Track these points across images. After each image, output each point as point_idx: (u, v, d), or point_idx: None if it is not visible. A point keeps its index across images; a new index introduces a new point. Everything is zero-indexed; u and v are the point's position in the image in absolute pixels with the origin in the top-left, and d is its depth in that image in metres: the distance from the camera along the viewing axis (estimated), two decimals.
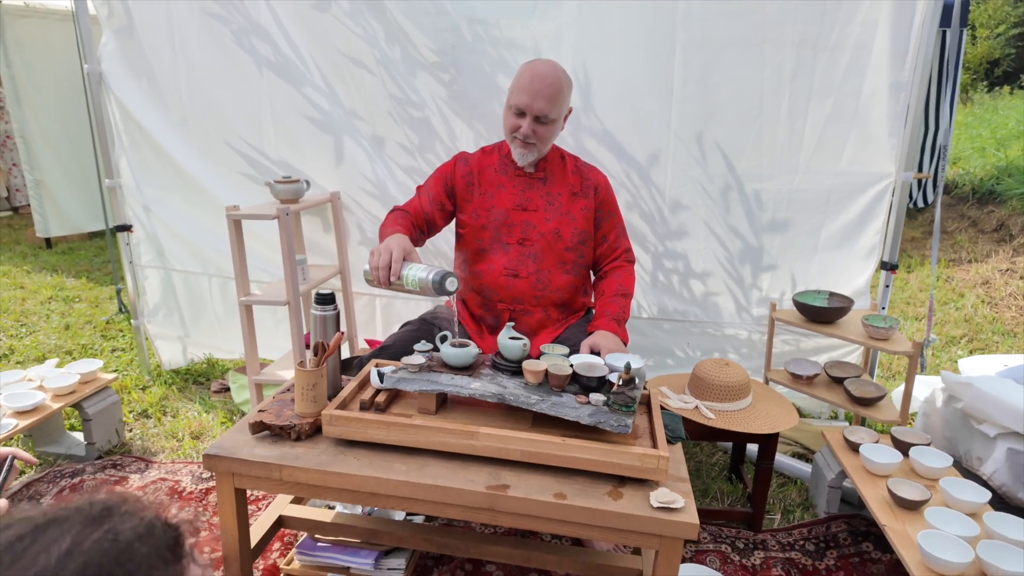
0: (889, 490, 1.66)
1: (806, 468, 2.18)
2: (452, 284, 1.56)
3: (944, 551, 1.44)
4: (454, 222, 2.02)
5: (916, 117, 2.08)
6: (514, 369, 1.53)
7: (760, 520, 1.96)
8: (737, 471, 2.20)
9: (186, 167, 2.60)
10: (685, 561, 1.80)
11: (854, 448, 1.90)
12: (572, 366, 1.49)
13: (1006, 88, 11.87)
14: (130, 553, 0.36)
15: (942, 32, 5.86)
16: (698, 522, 1.25)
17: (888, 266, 2.22)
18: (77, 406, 2.25)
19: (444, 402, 1.54)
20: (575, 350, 1.74)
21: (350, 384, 1.56)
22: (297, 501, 1.79)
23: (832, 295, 2.20)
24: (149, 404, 2.66)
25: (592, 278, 2.06)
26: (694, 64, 2.12)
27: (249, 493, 2.05)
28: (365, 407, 1.48)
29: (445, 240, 2.37)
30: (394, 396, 1.56)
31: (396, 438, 1.41)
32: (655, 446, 1.39)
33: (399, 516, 1.80)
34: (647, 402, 1.59)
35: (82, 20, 2.54)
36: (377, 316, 2.74)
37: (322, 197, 2.42)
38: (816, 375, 2.21)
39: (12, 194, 6.93)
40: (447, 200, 1.96)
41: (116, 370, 2.96)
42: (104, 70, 2.55)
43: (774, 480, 2.17)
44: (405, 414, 1.49)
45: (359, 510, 1.82)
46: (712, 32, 2.08)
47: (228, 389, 2.73)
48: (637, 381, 1.46)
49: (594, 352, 1.73)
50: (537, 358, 1.57)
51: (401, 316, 2.64)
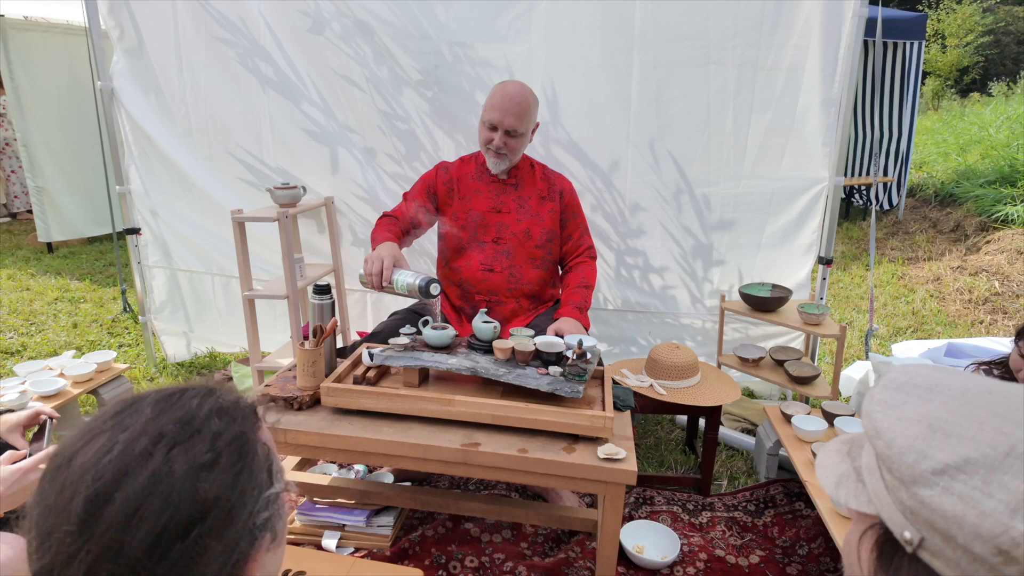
0: (812, 452, 1.93)
1: (751, 441, 2.45)
2: (435, 289, 1.81)
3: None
4: (437, 223, 2.27)
5: (845, 129, 2.36)
6: (486, 348, 1.79)
7: (708, 485, 2.22)
8: (691, 444, 2.46)
9: (191, 175, 2.83)
10: (641, 519, 2.06)
11: (788, 419, 2.16)
12: (535, 344, 1.74)
13: (975, 95, 12.31)
14: (238, 406, 0.60)
15: (895, 44, 6.21)
16: (636, 470, 1.51)
17: (824, 260, 2.49)
18: (94, 392, 2.47)
19: (426, 377, 1.79)
20: (542, 334, 1.99)
21: (344, 363, 1.81)
22: (298, 468, 2.04)
23: (774, 287, 2.47)
24: None
25: (559, 272, 2.32)
26: (649, 82, 2.39)
27: None
28: (358, 381, 1.73)
29: (429, 240, 2.61)
30: (383, 372, 1.81)
31: (384, 406, 1.65)
32: (604, 411, 1.64)
33: (388, 480, 2.04)
34: (601, 377, 1.85)
35: (95, 40, 2.77)
36: (368, 310, 2.99)
37: (317, 202, 2.66)
38: (761, 358, 2.48)
39: (10, 200, 7.11)
40: (430, 204, 2.22)
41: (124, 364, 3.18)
42: (115, 86, 2.78)
43: (723, 452, 2.43)
44: (392, 387, 1.74)
45: (352, 475, 2.06)
46: (664, 54, 2.35)
47: (231, 379, 2.96)
48: (589, 356, 1.71)
49: (558, 335, 1.98)
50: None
51: (390, 310, 2.88)
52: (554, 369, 1.69)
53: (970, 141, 7.67)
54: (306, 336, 1.80)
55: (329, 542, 1.88)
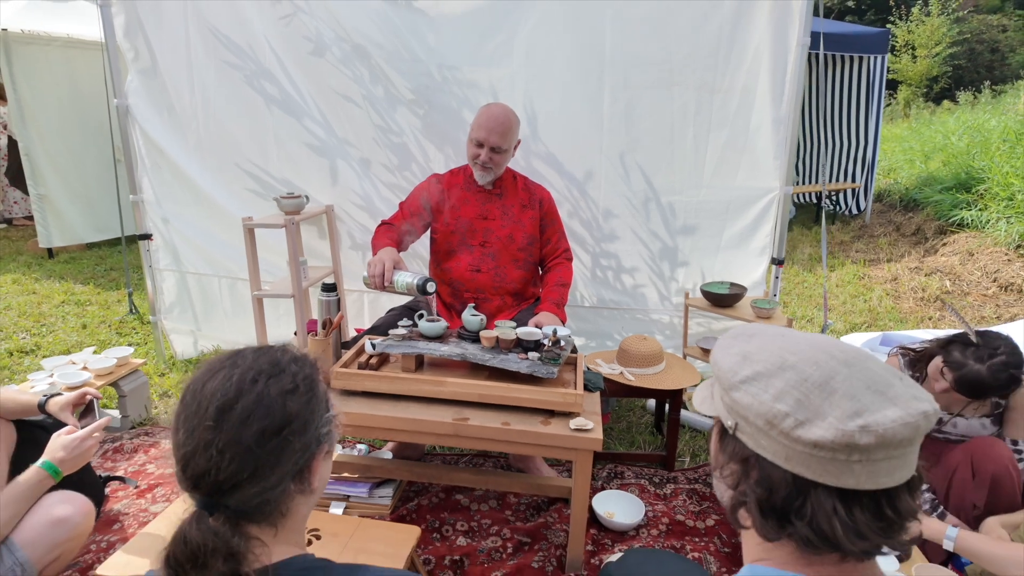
0: None
1: (711, 423, 2.73)
2: (431, 287, 2.08)
3: None
4: (429, 229, 2.53)
5: (793, 143, 2.65)
6: (474, 337, 2.05)
7: (672, 461, 2.50)
8: (658, 427, 2.74)
9: (200, 185, 3.07)
10: (611, 490, 2.32)
11: None
12: (516, 334, 2.01)
13: (946, 103, 12.80)
14: (306, 359, 0.85)
15: (860, 58, 6.56)
16: (601, 438, 1.78)
17: (776, 261, 2.78)
18: (114, 385, 2.70)
19: (421, 362, 2.05)
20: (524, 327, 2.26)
21: (349, 351, 2.06)
22: None
23: (732, 285, 2.75)
24: (169, 387, 3.11)
25: (539, 272, 2.58)
26: (619, 102, 2.67)
27: None
28: (362, 367, 1.98)
29: (421, 244, 2.87)
30: (383, 359, 2.07)
31: (385, 388, 1.91)
32: (576, 390, 1.91)
33: (388, 457, 2.29)
34: (575, 362, 2.11)
35: (112, 60, 2.99)
36: (364, 309, 3.24)
37: (319, 209, 2.91)
38: None
39: (8, 207, 7.26)
40: (424, 212, 2.48)
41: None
42: (130, 104, 3.02)
43: (687, 432, 2.71)
44: (392, 371, 2.00)
45: (355, 453, 2.31)
46: (632, 78, 2.63)
47: None
48: (563, 343, 1.98)
49: (537, 327, 2.25)
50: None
51: (384, 308, 3.12)
52: (532, 355, 1.95)
53: (934, 149, 8.06)
54: (312, 330, 2.05)
55: (336, 511, 2.13)
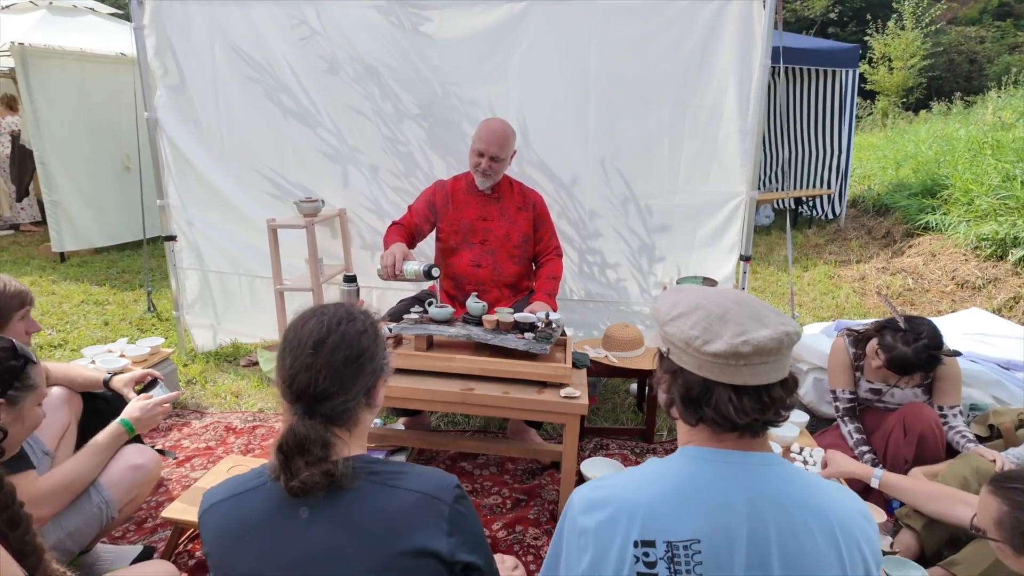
0: None
1: None
2: (436, 272, 2.39)
3: None
4: (435, 229, 2.84)
5: (757, 153, 2.99)
6: (477, 321, 2.36)
7: (652, 434, 2.81)
8: (640, 406, 3.05)
9: (222, 190, 3.36)
10: (597, 457, 2.63)
11: None
12: (514, 317, 2.32)
13: (923, 112, 13.29)
14: (369, 312, 1.16)
15: (833, 72, 6.96)
16: (587, 403, 2.09)
17: (744, 258, 3.12)
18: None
19: (431, 343, 2.36)
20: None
21: None
22: None
23: (704, 279, 3.08)
24: (193, 375, 3.39)
25: (533, 267, 2.90)
26: (603, 116, 3.00)
27: None
28: None
29: (427, 243, 3.18)
30: (398, 340, 2.37)
31: (402, 364, 2.21)
32: (566, 364, 2.22)
33: (399, 427, 2.59)
34: (564, 343, 2.43)
35: (144, 77, 3.28)
36: (373, 303, 3.54)
37: (332, 212, 3.22)
38: None
39: (15, 213, 7.49)
40: (430, 214, 2.79)
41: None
42: (159, 116, 3.31)
43: None
44: (407, 351, 2.30)
45: (372, 425, 2.60)
46: (614, 95, 2.97)
47: (256, 363, 3.48)
48: (555, 325, 2.30)
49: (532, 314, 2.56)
50: None
51: (391, 302, 3.43)
52: (528, 335, 2.26)
53: (905, 157, 8.48)
54: None
55: None
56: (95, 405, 2.10)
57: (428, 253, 3.24)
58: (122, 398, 2.09)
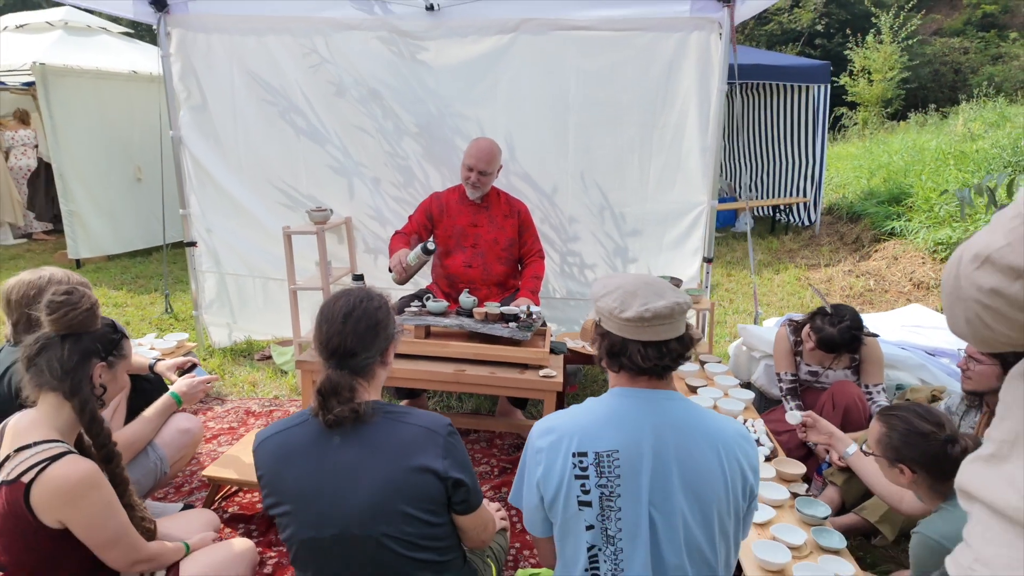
0: (687, 385, 2.89)
1: None
2: (431, 245, 2.76)
3: (706, 402, 2.65)
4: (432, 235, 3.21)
5: (716, 166, 3.38)
6: (468, 313, 2.73)
7: None
8: None
9: (239, 200, 3.73)
10: None
11: None
12: (500, 310, 2.69)
13: (903, 123, 13.77)
14: (382, 294, 1.53)
15: (806, 87, 7.38)
16: (562, 382, 2.46)
17: (707, 260, 3.50)
18: None
19: (429, 332, 2.72)
20: None
21: None
22: None
23: (672, 278, 3.44)
24: (213, 368, 3.74)
25: (519, 268, 3.27)
26: (580, 134, 3.39)
27: None
28: None
29: None
30: (399, 330, 2.74)
31: (405, 349, 2.58)
32: (545, 349, 2.59)
33: None
34: (544, 333, 2.80)
35: (169, 99, 3.65)
36: None
37: (339, 220, 3.58)
38: None
39: (28, 223, 7.83)
40: (428, 222, 3.16)
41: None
42: (183, 135, 3.68)
43: None
44: (407, 339, 2.66)
45: None
46: (590, 116, 3.35)
47: (269, 357, 3.84)
48: (535, 316, 2.67)
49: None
50: None
51: (394, 299, 3.79)
52: (512, 324, 2.63)
53: (878, 166, 8.90)
54: None
55: None
56: (139, 385, 2.45)
57: None
58: (162, 381, 2.45)
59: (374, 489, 1.37)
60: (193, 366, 2.45)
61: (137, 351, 3.19)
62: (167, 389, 2.25)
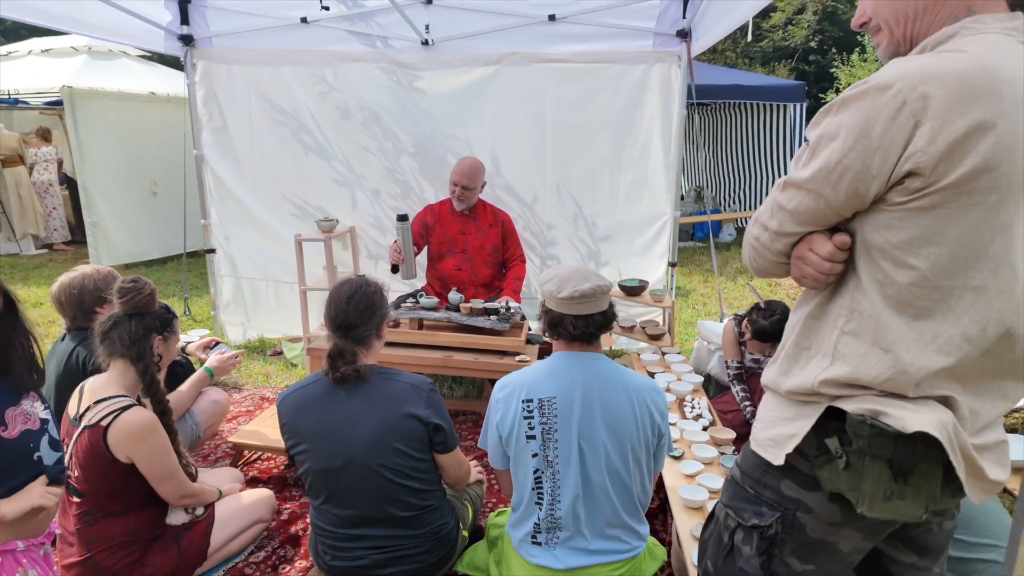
0: (647, 371, 3.30)
1: None
2: (401, 215, 3.17)
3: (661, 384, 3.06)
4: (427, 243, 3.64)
5: (678, 182, 3.81)
6: (456, 308, 3.15)
7: None
8: None
9: (255, 211, 4.17)
10: None
11: (639, 356, 3.54)
12: (483, 305, 3.11)
13: None
14: (378, 283, 1.95)
15: (784, 106, 7.84)
16: (534, 361, 2.87)
17: (672, 264, 3.92)
18: None
19: (422, 324, 3.14)
20: None
21: None
22: None
23: (640, 281, 3.87)
24: None
25: (503, 271, 3.69)
26: (557, 153, 3.83)
27: None
28: None
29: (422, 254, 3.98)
30: (397, 323, 3.16)
31: (401, 339, 3.00)
32: (521, 339, 3.01)
33: None
34: (521, 326, 3.21)
35: (194, 121, 4.10)
36: None
37: (344, 229, 4.02)
38: (633, 326, 3.86)
39: (49, 233, 8.29)
40: (424, 231, 3.59)
41: None
42: (205, 153, 4.12)
43: None
44: (403, 330, 3.08)
45: None
46: (566, 136, 3.80)
47: (281, 353, 4.26)
48: (513, 310, 3.09)
49: None
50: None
51: (392, 297, 4.21)
52: (493, 317, 3.05)
53: None
54: None
55: None
56: (172, 369, 2.87)
57: (422, 262, 4.05)
58: (191, 365, 2.87)
59: (372, 430, 1.79)
60: (217, 343, 2.86)
61: None
62: (195, 371, 2.67)
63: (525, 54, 3.70)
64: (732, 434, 2.58)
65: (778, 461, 1.06)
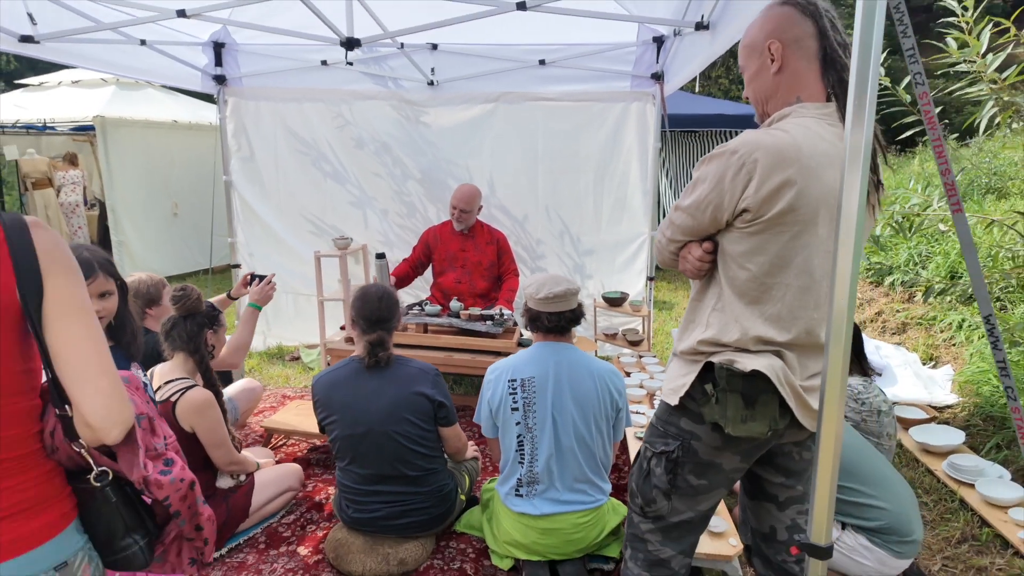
0: (624, 371, 3.75)
1: None
2: (379, 254, 3.63)
3: (634, 382, 3.51)
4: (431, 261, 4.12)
5: (654, 205, 4.29)
6: (456, 315, 3.61)
7: None
8: None
9: (277, 230, 4.65)
10: None
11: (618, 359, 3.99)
12: (480, 312, 3.57)
13: (904, 155, 14.84)
14: (394, 288, 2.40)
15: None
16: None
17: (650, 278, 4.39)
18: None
19: (426, 329, 3.60)
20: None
21: None
22: None
23: (622, 293, 4.33)
24: (252, 367, 4.61)
25: (498, 283, 4.16)
26: (547, 178, 4.32)
27: None
28: None
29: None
30: (405, 327, 3.62)
31: (408, 341, 3.46)
32: (513, 342, 3.47)
33: None
34: (513, 330, 3.67)
35: (224, 150, 4.60)
36: None
37: (357, 247, 4.49)
38: (616, 334, 4.32)
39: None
40: (427, 250, 4.07)
41: None
42: (233, 179, 4.62)
43: None
44: (410, 334, 3.54)
45: None
46: (555, 165, 4.29)
47: (298, 358, 4.71)
48: (506, 317, 3.55)
49: None
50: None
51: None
52: (488, 323, 3.51)
53: None
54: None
55: None
56: None
57: (427, 276, 4.53)
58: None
59: (388, 404, 2.24)
60: (254, 276, 3.30)
61: None
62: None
63: (519, 93, 4.21)
64: None
65: (675, 403, 1.50)
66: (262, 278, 3.21)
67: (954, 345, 4.56)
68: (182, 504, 1.30)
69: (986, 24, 2.84)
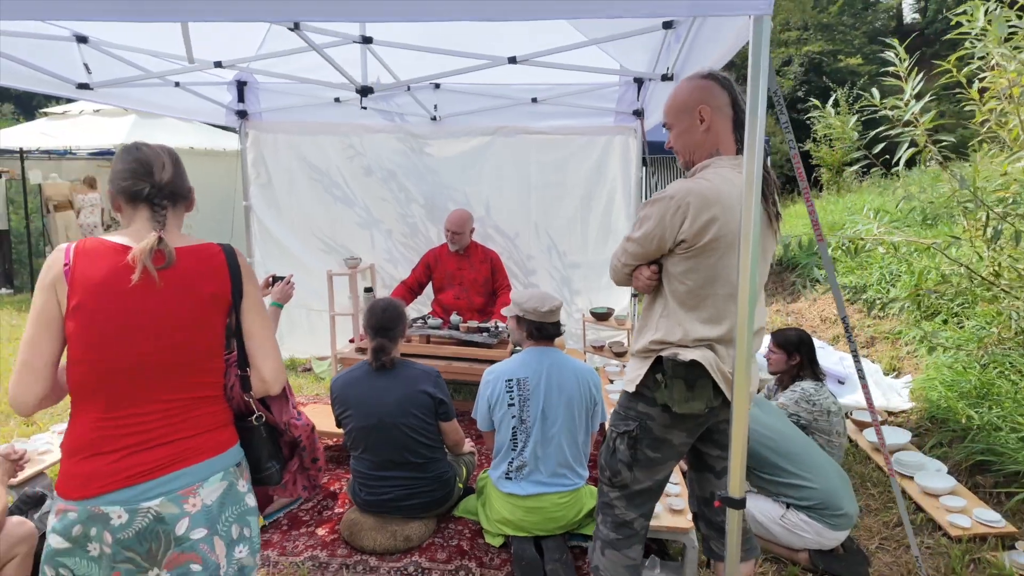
0: (608, 378, 4.12)
1: None
2: (367, 288, 4.04)
3: (617, 387, 3.88)
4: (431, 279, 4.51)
5: None
6: (456, 327, 4.00)
7: None
8: None
9: (291, 250, 5.05)
10: None
11: (604, 369, 4.37)
12: (477, 325, 3.96)
13: (865, 183, 15.28)
14: (401, 302, 2.80)
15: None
16: None
17: (634, 295, 4.77)
18: None
19: (429, 339, 3.98)
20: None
21: None
22: None
23: (608, 308, 4.72)
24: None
25: (493, 298, 4.55)
26: (538, 202, 4.74)
27: None
28: None
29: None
30: (410, 339, 4.01)
31: (412, 351, 3.84)
32: (507, 351, 3.85)
33: None
34: (506, 341, 4.05)
35: (244, 178, 5.02)
36: None
37: (365, 265, 4.90)
38: (603, 346, 4.70)
39: None
40: (427, 270, 4.46)
41: None
42: (252, 204, 5.03)
43: None
44: (414, 345, 3.93)
45: None
46: (546, 191, 4.71)
47: (310, 369, 5.08)
48: (500, 329, 3.94)
49: None
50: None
51: None
52: (485, 334, 3.90)
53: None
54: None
55: None
56: None
57: (428, 293, 4.93)
58: None
59: (396, 400, 2.62)
60: (275, 278, 3.66)
61: None
62: None
63: (514, 127, 4.64)
64: None
65: (632, 391, 1.88)
66: (282, 279, 3.56)
67: (915, 356, 4.95)
68: (308, 440, 2.23)
69: (916, 75, 3.28)
